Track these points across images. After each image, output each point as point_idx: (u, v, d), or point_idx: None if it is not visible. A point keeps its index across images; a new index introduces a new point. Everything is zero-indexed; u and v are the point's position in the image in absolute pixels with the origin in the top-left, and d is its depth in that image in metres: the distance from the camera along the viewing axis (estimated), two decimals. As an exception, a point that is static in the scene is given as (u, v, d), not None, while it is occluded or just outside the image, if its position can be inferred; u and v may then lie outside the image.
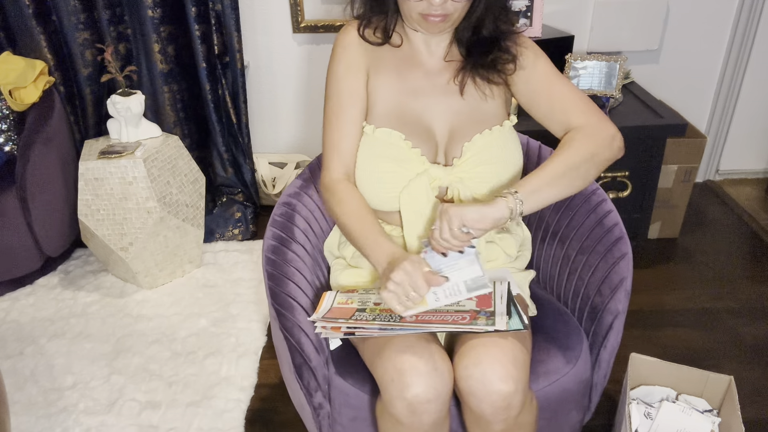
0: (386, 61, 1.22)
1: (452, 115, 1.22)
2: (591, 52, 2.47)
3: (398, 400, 1.03)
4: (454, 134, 1.22)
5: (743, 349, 1.87)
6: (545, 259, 1.47)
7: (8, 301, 2.13)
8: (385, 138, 1.20)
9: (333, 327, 1.09)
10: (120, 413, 1.67)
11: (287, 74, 2.60)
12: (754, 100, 2.70)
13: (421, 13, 1.10)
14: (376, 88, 1.22)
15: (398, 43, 1.23)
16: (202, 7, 2.25)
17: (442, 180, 1.20)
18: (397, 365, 1.03)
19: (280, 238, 1.31)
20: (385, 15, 1.19)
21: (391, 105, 1.21)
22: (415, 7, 1.09)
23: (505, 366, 1.03)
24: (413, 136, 1.20)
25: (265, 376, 1.81)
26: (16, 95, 2.12)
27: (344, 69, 1.22)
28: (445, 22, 1.11)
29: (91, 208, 2.03)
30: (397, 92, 1.22)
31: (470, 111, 1.22)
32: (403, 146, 1.19)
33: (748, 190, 2.80)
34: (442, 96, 1.22)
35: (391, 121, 1.21)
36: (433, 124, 1.22)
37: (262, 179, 2.68)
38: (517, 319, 1.05)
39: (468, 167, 1.20)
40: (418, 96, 1.21)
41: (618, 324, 1.23)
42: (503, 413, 1.03)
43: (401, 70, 1.22)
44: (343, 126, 1.22)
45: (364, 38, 1.22)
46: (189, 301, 2.11)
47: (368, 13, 1.21)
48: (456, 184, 1.20)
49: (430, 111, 1.21)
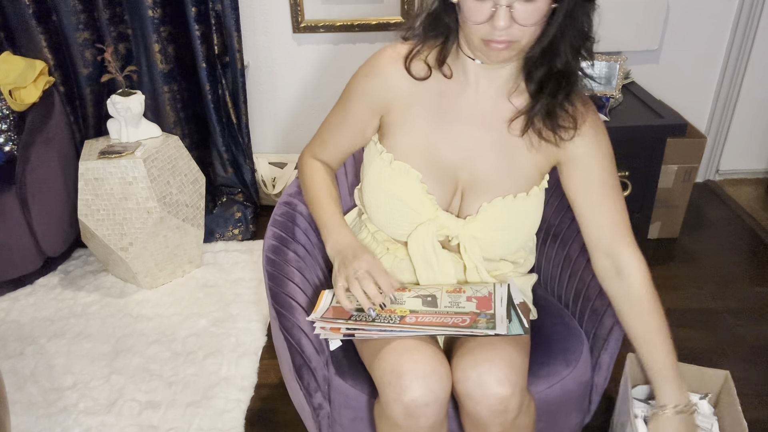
0: (425, 95, 1.11)
1: (484, 165, 1.12)
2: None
3: (396, 402, 1.02)
4: (477, 187, 1.13)
5: (743, 349, 1.87)
6: (546, 260, 1.46)
7: (8, 301, 2.13)
8: (401, 174, 1.13)
9: (332, 328, 1.09)
10: (120, 413, 1.67)
11: (287, 74, 2.60)
12: (754, 100, 2.70)
13: (483, 39, 0.96)
14: (404, 121, 1.13)
15: (449, 74, 1.10)
16: (202, 7, 2.25)
17: (451, 230, 1.16)
18: (395, 368, 1.03)
19: (281, 238, 1.31)
20: (443, 39, 1.06)
21: (418, 140, 1.12)
22: (477, 31, 0.96)
23: (502, 369, 1.02)
24: (432, 177, 1.13)
25: (265, 376, 1.81)
26: (16, 95, 2.12)
27: (361, 94, 1.15)
28: (510, 49, 0.97)
29: (91, 208, 2.02)
30: (430, 127, 1.12)
31: (505, 167, 1.12)
32: (418, 188, 1.13)
33: (748, 190, 2.79)
34: (481, 137, 1.11)
35: (413, 156, 1.12)
36: (459, 170, 1.13)
37: (262, 179, 2.68)
38: (517, 323, 1.05)
39: (480, 228, 1.15)
40: (453, 131, 1.11)
41: (619, 327, 1.22)
42: (500, 416, 1.03)
43: (441, 105, 1.11)
44: (338, 132, 1.24)
45: (408, 72, 1.09)
46: (189, 301, 2.11)
47: (424, 37, 1.07)
48: (466, 239, 1.16)
49: (461, 154, 1.12)
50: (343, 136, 1.23)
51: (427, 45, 1.08)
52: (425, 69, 1.10)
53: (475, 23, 0.95)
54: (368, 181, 1.20)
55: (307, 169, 1.28)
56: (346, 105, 1.18)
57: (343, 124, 1.21)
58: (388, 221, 1.20)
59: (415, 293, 1.14)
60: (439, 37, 1.06)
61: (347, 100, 1.18)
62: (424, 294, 1.13)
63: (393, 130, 1.15)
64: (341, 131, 1.22)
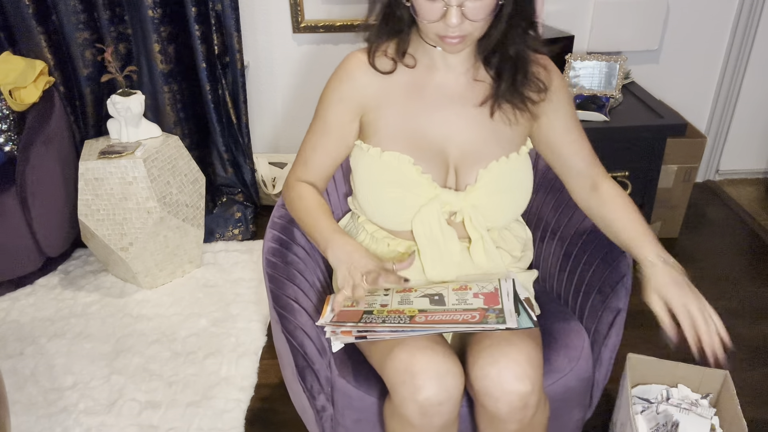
0: (397, 86, 1.16)
1: (469, 136, 1.17)
2: (591, 52, 2.46)
3: (410, 402, 1.02)
4: (469, 158, 1.17)
5: (743, 349, 1.87)
6: (545, 257, 1.47)
7: (8, 301, 2.13)
8: (392, 162, 1.16)
9: (343, 331, 1.08)
10: (120, 413, 1.67)
11: (287, 74, 2.60)
12: (754, 100, 2.70)
13: (438, 34, 1.03)
14: (382, 115, 1.17)
15: (412, 64, 1.16)
16: (202, 7, 2.25)
17: (454, 205, 1.18)
18: (409, 367, 1.03)
19: (280, 240, 1.31)
20: (399, 32, 1.12)
21: (401, 127, 1.16)
22: (432, 28, 1.03)
23: (522, 365, 1.03)
24: (424, 159, 1.16)
25: (265, 376, 1.81)
26: (16, 95, 2.12)
27: (337, 100, 1.18)
28: (464, 43, 1.05)
29: (91, 208, 2.03)
30: (407, 114, 1.16)
31: (490, 134, 1.17)
32: (412, 171, 1.15)
33: (748, 190, 2.80)
34: (461, 115, 1.16)
35: (400, 143, 1.16)
36: (445, 145, 1.17)
37: (262, 179, 2.68)
38: (526, 317, 1.05)
39: (482, 194, 1.17)
40: (432, 114, 1.16)
41: (619, 321, 1.23)
42: (519, 413, 1.03)
43: (414, 92, 1.16)
44: (317, 147, 1.23)
45: (374, 67, 1.15)
46: (189, 301, 2.11)
47: (382, 36, 1.13)
48: (469, 211, 1.18)
49: (443, 129, 1.16)
50: (326, 149, 1.22)
51: (386, 40, 1.14)
52: (390, 63, 1.16)
53: (430, 22, 1.02)
54: (360, 180, 1.21)
55: (293, 193, 1.24)
56: (324, 115, 1.20)
57: (324, 136, 1.21)
58: (388, 213, 1.20)
59: (422, 293, 1.14)
60: (395, 31, 1.12)
61: (325, 110, 1.20)
62: (431, 293, 1.14)
63: (374, 127, 1.18)
64: (323, 144, 1.22)
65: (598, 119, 2.01)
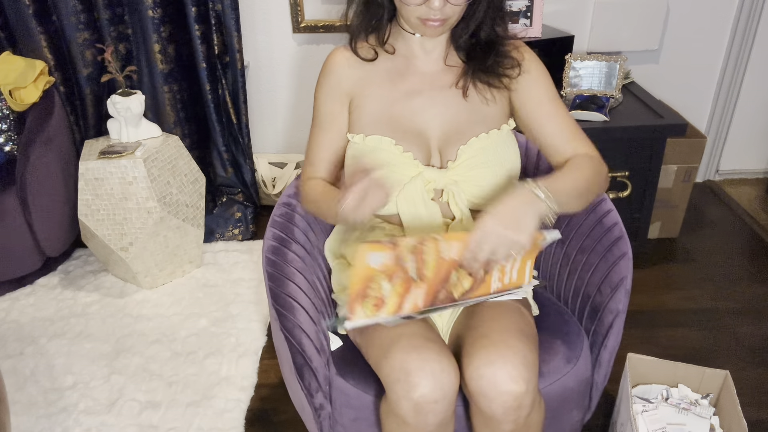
0: (378, 73, 1.24)
1: (449, 117, 1.22)
2: (591, 52, 2.47)
3: (405, 400, 1.03)
4: (450, 137, 1.22)
5: (743, 349, 1.87)
6: (544, 258, 1.47)
7: (8, 301, 2.13)
8: (375, 145, 1.22)
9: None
10: (120, 413, 1.67)
11: (287, 74, 2.60)
12: (754, 100, 2.70)
13: (420, 18, 1.11)
14: (365, 101, 1.24)
15: (392, 51, 1.24)
16: (202, 7, 2.25)
17: (437, 182, 1.21)
18: (404, 365, 1.04)
19: (280, 238, 1.31)
20: (379, 22, 1.20)
21: (381, 112, 1.23)
22: (414, 11, 1.11)
23: (517, 366, 1.03)
24: (404, 140, 1.21)
25: (265, 376, 1.81)
26: (16, 95, 2.12)
27: (326, 94, 1.26)
28: (444, 26, 1.12)
29: (91, 208, 2.03)
30: (388, 99, 1.23)
31: (469, 114, 1.22)
32: (393, 151, 1.20)
33: (748, 190, 2.80)
34: (439, 99, 1.22)
35: (381, 127, 1.22)
36: (427, 127, 1.22)
37: (262, 179, 2.68)
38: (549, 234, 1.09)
39: (463, 170, 1.21)
40: (413, 99, 1.22)
41: (618, 323, 1.23)
42: (514, 413, 1.03)
43: (395, 77, 1.23)
44: (320, 144, 1.29)
45: (356, 54, 1.23)
46: (189, 301, 2.11)
47: (363, 25, 1.21)
48: (451, 186, 1.21)
49: (424, 113, 1.22)
50: (326, 144, 1.28)
51: (366, 28, 1.22)
52: (371, 50, 1.24)
53: (414, 5, 1.09)
54: (348, 166, 1.26)
55: (306, 189, 1.29)
56: (320, 111, 1.28)
57: (322, 132, 1.28)
58: None
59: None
60: (375, 19, 1.20)
61: (318, 108, 1.28)
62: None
63: (358, 114, 1.24)
64: (323, 140, 1.28)
65: (598, 119, 2.01)
